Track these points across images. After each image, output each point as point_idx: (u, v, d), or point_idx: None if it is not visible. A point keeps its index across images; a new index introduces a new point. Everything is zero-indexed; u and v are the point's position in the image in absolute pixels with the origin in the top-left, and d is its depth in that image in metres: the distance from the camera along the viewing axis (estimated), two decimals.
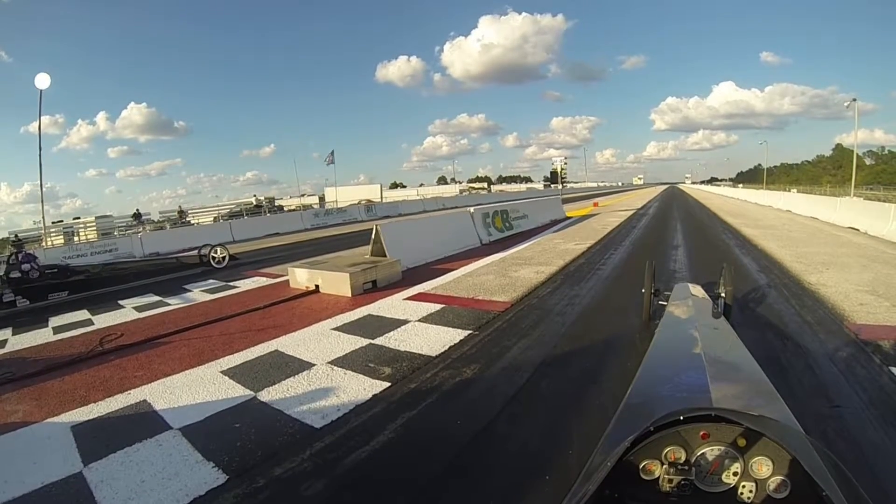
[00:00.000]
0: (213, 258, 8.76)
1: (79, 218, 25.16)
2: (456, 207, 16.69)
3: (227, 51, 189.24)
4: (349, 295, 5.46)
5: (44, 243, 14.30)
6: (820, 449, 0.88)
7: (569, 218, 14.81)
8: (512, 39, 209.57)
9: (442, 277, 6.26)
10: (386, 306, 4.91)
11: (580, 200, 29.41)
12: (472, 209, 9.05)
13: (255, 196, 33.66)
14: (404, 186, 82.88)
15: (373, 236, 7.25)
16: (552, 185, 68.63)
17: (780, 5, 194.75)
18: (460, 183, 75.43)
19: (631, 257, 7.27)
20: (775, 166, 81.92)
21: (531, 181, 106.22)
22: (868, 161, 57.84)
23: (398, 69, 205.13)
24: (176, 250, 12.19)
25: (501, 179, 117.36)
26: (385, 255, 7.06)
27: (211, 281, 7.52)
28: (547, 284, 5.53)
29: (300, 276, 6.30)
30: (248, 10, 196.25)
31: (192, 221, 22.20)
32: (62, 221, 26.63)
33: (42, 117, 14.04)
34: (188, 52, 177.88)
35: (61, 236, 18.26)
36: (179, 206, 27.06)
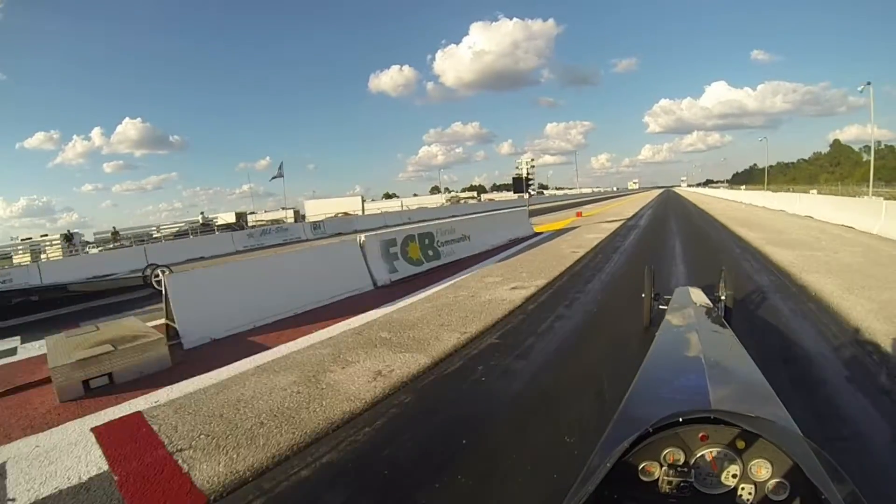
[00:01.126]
0: None
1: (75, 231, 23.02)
2: (438, 219, 13.06)
3: (221, 65, 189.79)
4: (56, 402, 2.83)
5: None
6: (818, 451, 0.87)
7: (537, 234, 11.88)
8: (503, 45, 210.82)
9: (212, 373, 3.34)
10: (46, 444, 2.34)
11: (564, 210, 26.47)
12: (362, 237, 5.97)
13: (201, 214, 30.85)
14: (397, 196, 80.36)
15: (163, 291, 4.36)
16: (540, 193, 61.48)
17: (770, 1, 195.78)
18: (453, 192, 72.64)
19: (603, 311, 4.39)
20: (771, 166, 79.59)
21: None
22: (865, 157, 55.61)
23: (391, 79, 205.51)
24: (73, 280, 9.35)
25: (496, 187, 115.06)
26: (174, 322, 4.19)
27: None
28: (381, 406, 2.58)
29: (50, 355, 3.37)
30: (242, 25, 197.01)
31: (126, 243, 19.80)
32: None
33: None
34: (182, 66, 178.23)
35: None
36: (113, 227, 24.31)
